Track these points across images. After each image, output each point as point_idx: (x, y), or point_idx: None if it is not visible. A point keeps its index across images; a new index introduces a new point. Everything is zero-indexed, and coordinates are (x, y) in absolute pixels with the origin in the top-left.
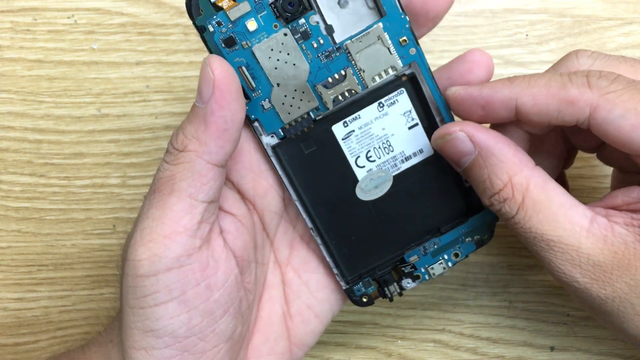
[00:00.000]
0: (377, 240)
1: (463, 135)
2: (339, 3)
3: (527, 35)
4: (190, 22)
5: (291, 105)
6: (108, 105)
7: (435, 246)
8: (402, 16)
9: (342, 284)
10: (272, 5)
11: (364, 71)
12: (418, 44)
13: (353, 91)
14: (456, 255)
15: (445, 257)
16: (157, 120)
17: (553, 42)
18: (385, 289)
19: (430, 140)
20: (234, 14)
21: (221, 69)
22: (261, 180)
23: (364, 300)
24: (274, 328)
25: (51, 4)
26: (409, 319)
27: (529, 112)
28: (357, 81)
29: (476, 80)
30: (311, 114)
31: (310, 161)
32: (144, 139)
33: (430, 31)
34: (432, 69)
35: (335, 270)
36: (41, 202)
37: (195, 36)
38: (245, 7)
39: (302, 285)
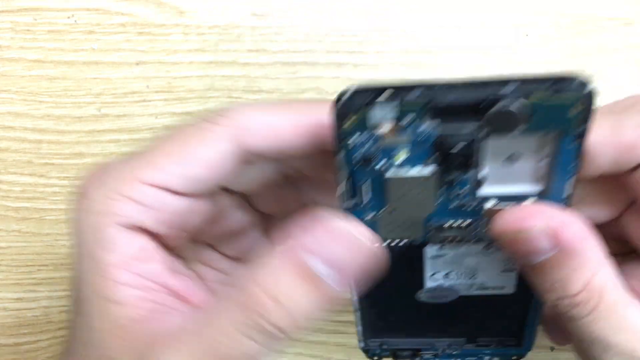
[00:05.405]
0: (410, 319)
1: (544, 234)
2: (509, 158)
3: (527, 35)
4: (192, 22)
5: (392, 230)
6: (108, 105)
7: (455, 352)
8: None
9: (361, 343)
10: (435, 146)
11: (486, 230)
12: None
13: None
14: None
15: None
16: (157, 120)
17: (553, 42)
18: None
19: (495, 226)
20: (388, 143)
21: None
22: None
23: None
24: None
25: (51, 4)
26: None
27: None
28: (474, 236)
29: None
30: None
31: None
32: (144, 139)
33: None
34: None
35: (359, 328)
36: (41, 202)
37: (195, 36)
38: (403, 153)
39: None
